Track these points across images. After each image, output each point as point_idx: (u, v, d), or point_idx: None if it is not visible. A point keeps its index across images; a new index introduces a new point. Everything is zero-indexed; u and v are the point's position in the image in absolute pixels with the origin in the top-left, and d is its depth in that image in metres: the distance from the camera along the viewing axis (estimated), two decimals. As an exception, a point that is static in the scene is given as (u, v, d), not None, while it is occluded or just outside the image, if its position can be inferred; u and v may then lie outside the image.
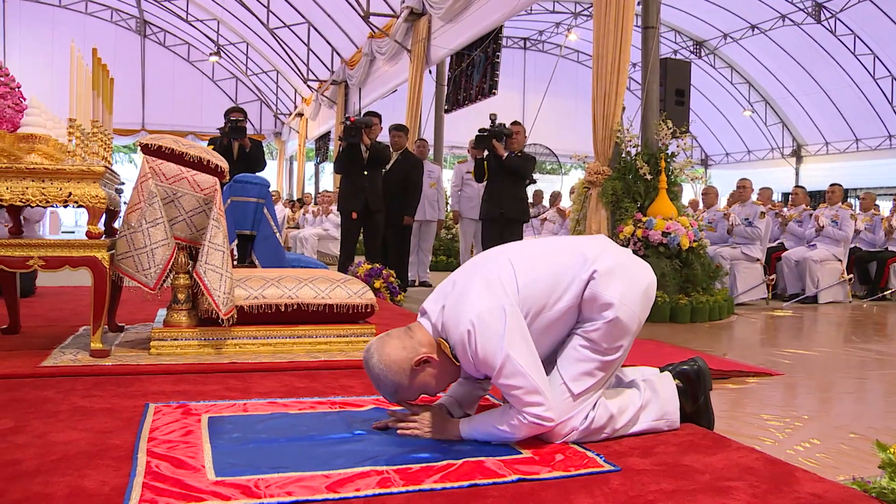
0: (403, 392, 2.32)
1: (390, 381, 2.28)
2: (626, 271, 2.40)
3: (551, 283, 2.34)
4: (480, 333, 2.20)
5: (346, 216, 7.42)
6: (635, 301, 2.36)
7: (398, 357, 2.28)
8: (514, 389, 2.22)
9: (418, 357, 2.28)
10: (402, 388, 2.30)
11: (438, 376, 2.34)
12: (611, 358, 2.35)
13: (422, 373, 2.30)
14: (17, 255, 3.37)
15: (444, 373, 2.35)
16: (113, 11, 25.42)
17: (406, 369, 2.28)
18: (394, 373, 2.27)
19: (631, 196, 6.64)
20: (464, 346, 2.23)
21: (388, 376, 2.28)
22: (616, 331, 2.34)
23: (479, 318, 2.21)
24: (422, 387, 2.33)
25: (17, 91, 3.59)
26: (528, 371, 2.21)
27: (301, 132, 23.46)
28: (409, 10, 12.97)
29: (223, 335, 3.63)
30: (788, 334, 6.14)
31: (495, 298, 2.25)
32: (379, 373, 2.29)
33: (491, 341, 2.20)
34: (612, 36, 6.72)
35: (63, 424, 2.43)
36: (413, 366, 2.28)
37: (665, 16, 12.38)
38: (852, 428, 3.08)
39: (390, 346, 2.30)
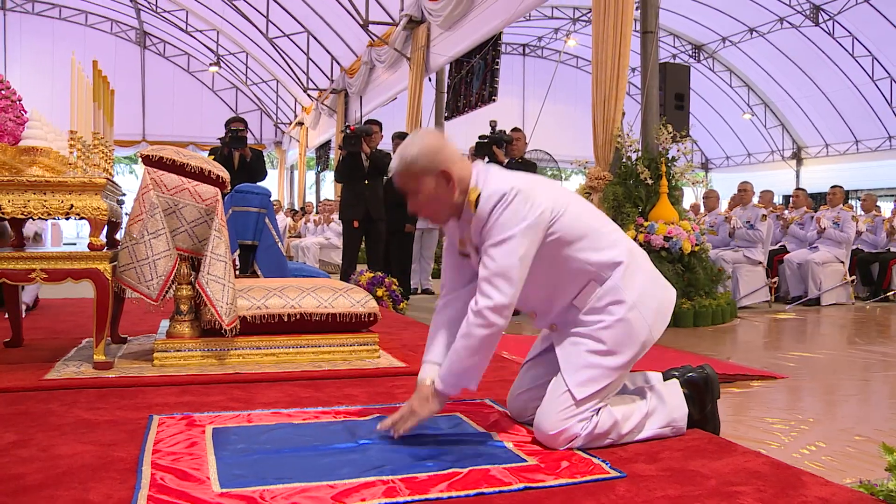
0: (409, 174, 2.36)
1: (413, 155, 2.34)
2: (650, 279, 2.45)
3: (589, 232, 2.38)
4: (516, 203, 2.25)
5: (347, 225, 7.41)
6: (649, 309, 2.38)
7: (438, 151, 2.34)
8: (495, 265, 2.25)
9: (447, 169, 2.32)
10: (413, 171, 2.34)
11: (437, 200, 2.38)
12: (615, 363, 2.35)
13: (434, 182, 2.34)
14: (19, 268, 3.37)
15: (443, 205, 2.39)
16: (113, 23, 25.50)
17: (433, 163, 2.33)
18: (422, 155, 2.33)
19: (632, 201, 6.64)
20: (491, 201, 2.27)
21: (416, 151, 2.33)
22: (624, 333, 2.34)
23: (522, 192, 2.27)
24: (419, 187, 2.36)
25: (18, 104, 3.61)
26: (518, 262, 2.25)
27: (301, 141, 23.49)
28: (407, 18, 13.01)
29: (226, 346, 3.63)
30: (792, 337, 6.13)
31: (545, 198, 2.31)
32: (412, 144, 2.36)
33: (515, 217, 2.25)
34: (611, 41, 6.73)
35: (67, 437, 2.43)
36: (439, 170, 2.32)
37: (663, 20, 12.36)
38: (858, 430, 3.07)
39: (440, 141, 2.37)
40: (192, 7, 21.54)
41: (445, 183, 2.34)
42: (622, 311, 2.34)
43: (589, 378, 2.33)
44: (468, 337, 2.30)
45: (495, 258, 2.26)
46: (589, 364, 2.34)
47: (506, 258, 2.25)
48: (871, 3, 16.92)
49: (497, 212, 2.26)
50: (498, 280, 2.25)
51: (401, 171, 2.38)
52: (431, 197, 2.37)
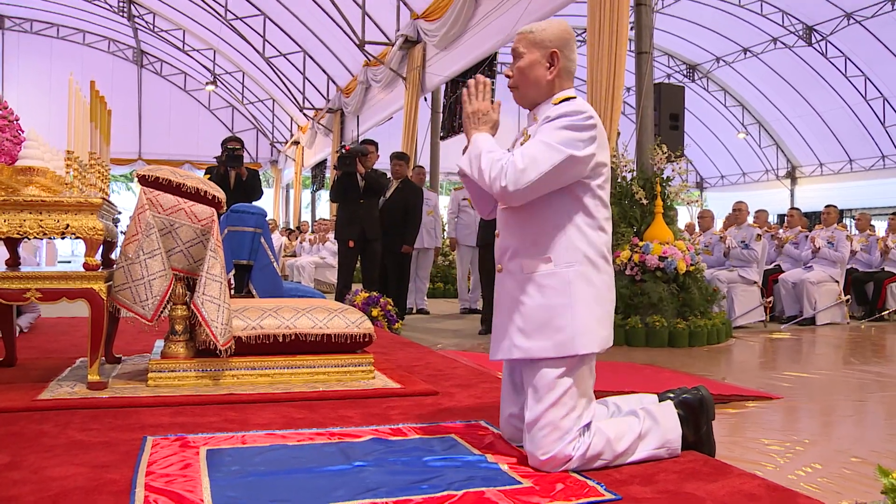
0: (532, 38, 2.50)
1: (544, 25, 2.52)
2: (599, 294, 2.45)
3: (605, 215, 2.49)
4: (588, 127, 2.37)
5: (343, 244, 7.42)
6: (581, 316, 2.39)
7: (565, 41, 2.51)
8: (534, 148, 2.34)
9: (561, 55, 2.49)
10: (530, 37, 2.51)
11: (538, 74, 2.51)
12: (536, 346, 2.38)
13: (543, 56, 2.50)
14: (14, 288, 3.36)
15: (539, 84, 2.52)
16: (110, 42, 25.60)
17: (554, 41, 2.49)
18: (552, 30, 2.50)
19: (627, 221, 6.66)
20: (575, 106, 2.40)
21: (550, 25, 2.52)
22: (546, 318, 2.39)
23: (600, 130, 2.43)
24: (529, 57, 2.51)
25: (15, 124, 3.61)
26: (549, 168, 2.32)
27: (297, 160, 23.53)
28: (403, 38, 13.08)
29: (221, 366, 3.62)
30: (787, 357, 6.13)
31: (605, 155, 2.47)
32: (552, 22, 2.54)
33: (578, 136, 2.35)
34: (605, 61, 6.77)
35: (60, 459, 2.42)
36: (554, 47, 2.49)
37: (658, 40, 12.44)
38: (854, 452, 3.07)
39: (572, 38, 2.53)
40: (188, 26, 21.63)
41: (549, 63, 2.50)
42: (555, 299, 2.38)
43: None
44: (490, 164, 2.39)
45: (548, 139, 2.34)
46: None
47: (549, 155, 2.33)
48: (864, 24, 17.06)
49: (572, 118, 2.36)
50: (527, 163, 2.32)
51: (525, 32, 2.53)
52: (530, 67, 2.51)
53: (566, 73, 2.53)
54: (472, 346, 6.08)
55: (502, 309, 2.51)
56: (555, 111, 2.41)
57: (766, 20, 18.31)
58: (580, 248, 2.41)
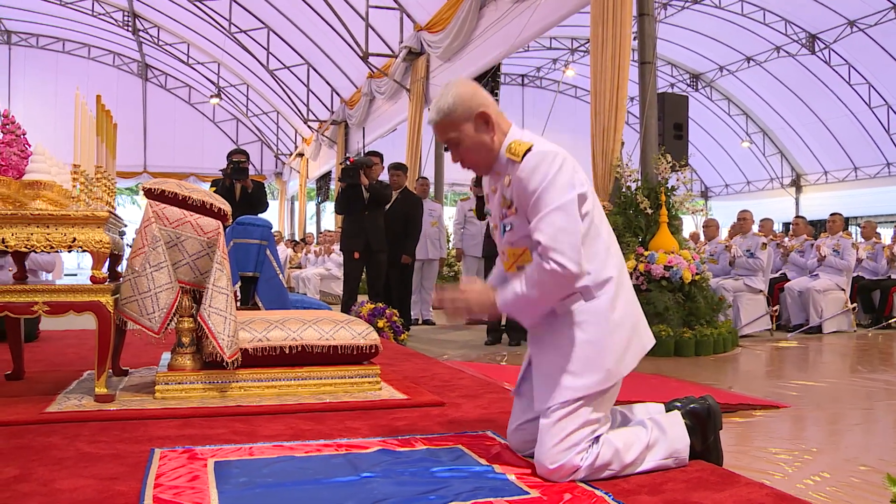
0: (448, 121, 2.37)
1: (450, 103, 2.35)
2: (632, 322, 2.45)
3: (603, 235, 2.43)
4: (567, 168, 2.27)
5: (348, 256, 7.43)
6: (620, 342, 2.40)
7: (474, 95, 2.36)
8: (554, 229, 2.23)
9: (487, 111, 2.34)
10: (451, 116, 2.36)
11: (479, 147, 2.39)
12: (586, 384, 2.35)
13: (474, 126, 2.35)
14: (21, 301, 3.37)
15: (485, 151, 2.39)
16: (115, 56, 25.75)
17: (470, 107, 2.34)
18: (458, 101, 2.34)
19: (632, 230, 6.66)
20: (540, 157, 2.27)
21: (453, 96, 2.35)
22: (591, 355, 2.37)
23: (569, 162, 2.30)
24: (460, 135, 2.37)
25: (22, 138, 3.64)
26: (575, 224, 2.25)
27: (302, 172, 23.60)
28: (407, 50, 13.13)
29: (228, 378, 3.62)
30: (794, 365, 6.12)
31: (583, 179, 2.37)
32: (446, 94, 2.35)
33: (568, 182, 2.26)
34: (609, 72, 6.79)
35: (68, 471, 2.42)
36: (477, 112, 2.33)
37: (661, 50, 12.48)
38: (862, 460, 3.06)
39: (474, 87, 2.39)
40: (193, 40, 21.75)
41: (485, 125, 2.38)
42: (593, 332, 2.36)
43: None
44: (536, 285, 2.29)
45: (556, 220, 2.25)
46: (561, 386, 2.36)
47: (569, 222, 2.25)
48: (867, 31, 17.09)
49: (547, 173, 2.26)
50: (563, 246, 2.24)
51: (439, 121, 2.41)
52: (474, 142, 2.40)
53: (499, 117, 2.43)
54: (478, 356, 6.08)
55: (544, 356, 2.44)
56: (525, 171, 2.29)
57: (769, 29, 18.34)
58: (599, 275, 2.39)
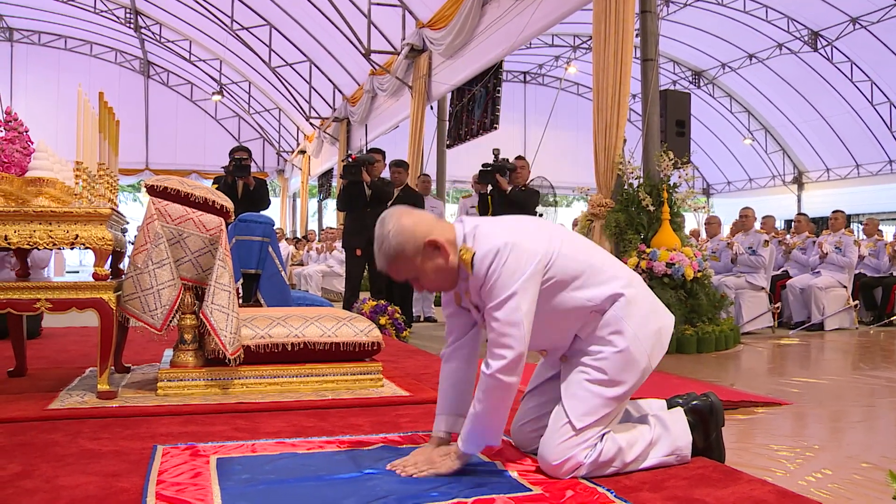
0: (399, 263, 2.29)
1: (396, 243, 2.26)
2: (648, 307, 2.44)
3: (586, 270, 2.36)
4: (510, 259, 2.22)
5: (350, 253, 7.43)
6: (648, 338, 2.38)
7: (414, 228, 2.26)
8: (502, 325, 2.22)
9: (434, 239, 2.27)
10: (402, 256, 2.28)
11: (439, 272, 2.32)
12: (616, 393, 2.35)
13: (427, 257, 2.29)
14: (24, 298, 3.38)
15: (446, 273, 2.33)
16: (117, 53, 25.75)
17: (415, 241, 2.26)
18: (403, 238, 2.26)
19: (634, 228, 6.65)
20: (486, 261, 2.23)
21: (395, 238, 2.25)
22: (624, 363, 2.34)
23: (515, 246, 2.23)
24: (417, 270, 2.31)
25: (24, 135, 3.64)
26: (524, 318, 2.22)
27: (304, 169, 23.59)
28: (409, 47, 13.11)
29: (230, 375, 3.63)
30: (796, 363, 6.11)
31: (538, 244, 2.28)
32: (387, 233, 2.26)
33: (513, 272, 2.21)
34: (611, 69, 6.78)
35: (71, 468, 2.42)
36: (425, 242, 2.26)
37: (663, 47, 12.48)
38: (864, 458, 3.06)
39: (413, 217, 2.30)
40: (195, 37, 21.73)
41: (437, 252, 2.30)
42: (623, 342, 2.35)
43: (589, 408, 2.33)
44: (485, 400, 2.28)
45: (500, 318, 2.23)
46: (589, 393, 2.34)
47: (511, 315, 2.22)
48: (869, 29, 17.06)
49: (494, 271, 2.22)
50: (506, 339, 2.23)
51: (391, 263, 2.32)
52: (432, 271, 2.33)
53: (441, 232, 2.31)
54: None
55: (579, 375, 2.40)
56: (475, 278, 2.27)
57: (771, 26, 18.31)
58: (608, 291, 2.38)
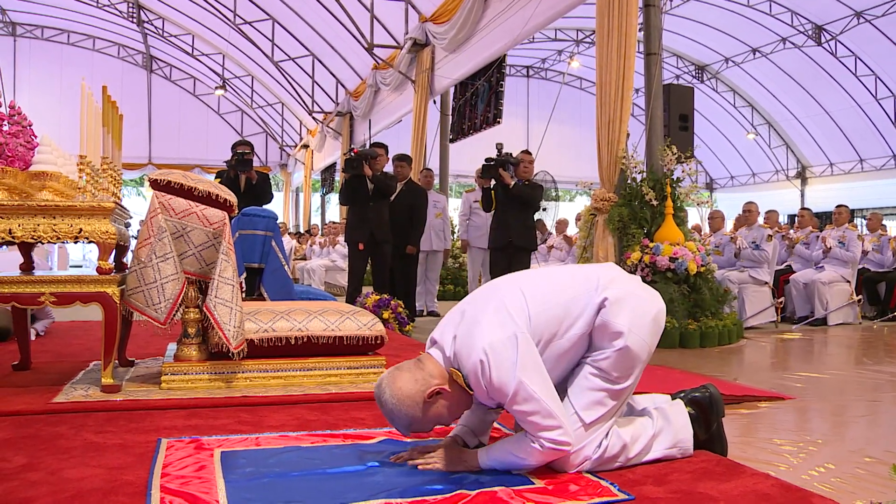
0: (417, 424, 2.31)
1: (404, 414, 2.27)
2: (635, 299, 2.41)
3: (562, 312, 2.35)
4: (494, 362, 2.21)
5: (353, 247, 7.43)
6: (645, 329, 2.37)
7: (410, 391, 2.27)
8: (529, 415, 2.23)
9: (431, 389, 2.28)
10: (416, 420, 2.29)
11: (451, 407, 2.34)
12: (621, 386, 2.36)
13: (435, 404, 2.30)
14: (28, 292, 3.39)
15: (457, 403, 2.34)
16: (120, 47, 25.73)
17: (419, 402, 2.27)
18: (407, 406, 2.27)
19: (637, 222, 6.64)
20: (477, 376, 2.24)
21: (401, 410, 2.27)
22: (626, 359, 2.34)
23: (491, 347, 2.22)
24: (435, 418, 2.32)
25: (28, 129, 3.64)
26: (541, 396, 2.22)
27: (307, 164, 23.58)
28: (412, 42, 13.09)
29: (234, 369, 3.64)
30: (799, 357, 6.11)
31: (506, 328, 2.26)
32: (392, 407, 2.28)
33: (504, 369, 2.21)
34: (614, 63, 6.76)
35: (76, 461, 2.43)
36: (426, 398, 2.27)
37: (666, 41, 12.45)
38: (868, 452, 3.06)
39: (402, 380, 2.29)
40: (197, 31, 21.71)
41: (439, 396, 2.30)
42: (621, 342, 2.34)
43: (595, 400, 2.34)
44: (528, 456, 2.28)
45: (524, 410, 2.23)
46: (594, 387, 2.35)
47: (531, 405, 2.22)
48: (873, 23, 17.01)
49: (490, 380, 2.22)
50: (542, 422, 2.23)
51: (412, 430, 2.34)
52: (446, 409, 2.33)
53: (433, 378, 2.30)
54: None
55: (583, 378, 2.40)
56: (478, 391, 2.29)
57: (774, 20, 18.26)
58: (588, 318, 2.36)
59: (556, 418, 2.23)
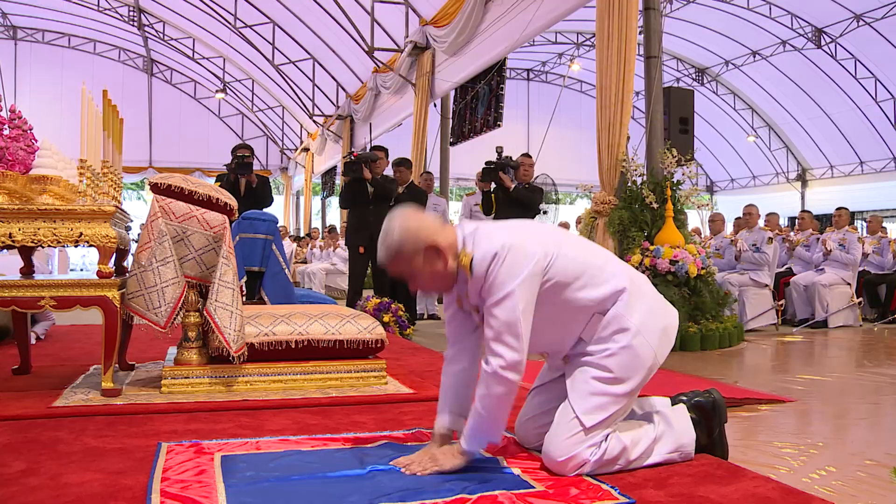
0: (399, 259, 2.36)
1: (396, 241, 2.33)
2: (653, 304, 2.46)
3: (583, 271, 2.38)
4: (508, 260, 2.26)
5: (353, 250, 7.43)
6: (654, 335, 2.38)
7: (418, 230, 2.34)
8: (499, 324, 2.26)
9: (434, 242, 2.33)
10: (402, 256, 2.35)
11: (435, 275, 2.38)
12: (623, 391, 2.35)
13: (426, 260, 2.35)
14: (28, 296, 3.39)
15: (442, 277, 2.38)
16: (120, 51, 25.76)
17: (417, 242, 2.33)
18: (405, 238, 2.33)
19: (638, 225, 6.64)
20: (484, 264, 2.28)
21: (397, 237, 2.33)
22: (630, 360, 2.35)
23: (512, 247, 2.27)
24: (414, 270, 2.38)
25: (29, 133, 3.65)
26: (521, 317, 2.25)
27: (307, 167, 23.59)
28: (412, 45, 13.10)
29: (234, 373, 3.64)
30: (800, 360, 6.11)
31: (536, 246, 2.31)
32: (391, 230, 2.34)
33: (511, 273, 2.25)
34: (614, 66, 6.77)
35: (76, 465, 2.43)
36: (425, 247, 2.32)
37: (667, 44, 12.47)
38: (869, 455, 3.06)
39: (417, 218, 2.37)
40: (198, 35, 21.73)
41: (437, 256, 2.35)
42: (627, 338, 2.35)
43: (597, 405, 2.33)
44: (487, 398, 2.30)
45: (498, 316, 2.27)
46: (596, 391, 2.35)
47: (509, 314, 2.26)
48: (873, 25, 17.02)
49: (492, 272, 2.27)
50: (505, 337, 2.27)
51: (391, 260, 2.38)
52: (429, 274, 2.38)
53: (444, 237, 2.36)
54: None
55: (584, 374, 2.40)
56: (474, 280, 2.32)
57: (774, 23, 18.28)
58: (610, 288, 2.39)
59: (520, 342, 2.26)
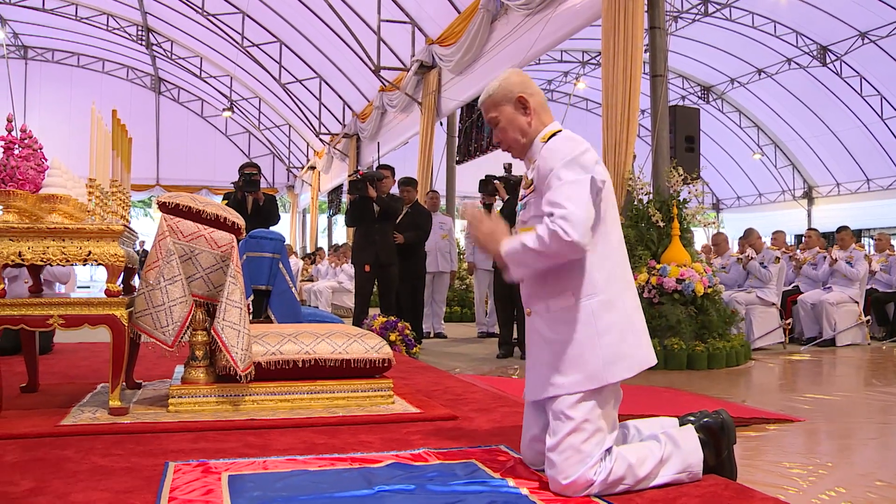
0: (490, 102, 2.58)
1: (495, 85, 2.58)
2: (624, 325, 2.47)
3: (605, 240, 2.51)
4: (586, 155, 2.41)
5: (359, 269, 7.43)
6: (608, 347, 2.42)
7: (519, 83, 2.56)
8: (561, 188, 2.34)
9: (525, 95, 2.54)
10: (493, 99, 2.58)
11: (515, 126, 2.57)
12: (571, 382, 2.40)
13: (513, 107, 2.56)
14: (37, 314, 3.40)
15: (524, 131, 2.57)
16: (128, 70, 25.97)
17: (512, 91, 2.55)
18: (503, 84, 2.56)
19: (644, 244, 6.64)
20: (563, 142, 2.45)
21: (498, 82, 2.57)
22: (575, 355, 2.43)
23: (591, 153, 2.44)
24: (502, 116, 2.57)
25: (39, 153, 3.67)
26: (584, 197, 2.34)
27: (314, 185, 23.66)
28: (419, 64, 13.17)
29: (241, 392, 3.63)
30: (807, 379, 6.08)
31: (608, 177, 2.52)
32: (495, 79, 2.60)
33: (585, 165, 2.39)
34: (620, 85, 6.80)
35: (83, 484, 2.43)
36: (517, 94, 2.55)
37: (672, 62, 12.49)
38: (878, 475, 3.04)
39: (523, 79, 2.58)
40: (205, 53, 21.90)
41: (523, 109, 2.55)
42: (582, 332, 2.41)
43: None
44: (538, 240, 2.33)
45: (563, 178, 2.35)
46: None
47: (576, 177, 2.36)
48: (878, 43, 17.06)
49: (570, 152, 2.39)
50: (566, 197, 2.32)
51: (484, 102, 2.60)
52: (509, 122, 2.57)
53: (541, 108, 2.59)
54: (490, 370, 6.07)
55: (534, 349, 2.55)
56: (547, 151, 2.46)
57: (779, 41, 18.33)
58: (598, 277, 2.43)
59: (581, 210, 2.30)
